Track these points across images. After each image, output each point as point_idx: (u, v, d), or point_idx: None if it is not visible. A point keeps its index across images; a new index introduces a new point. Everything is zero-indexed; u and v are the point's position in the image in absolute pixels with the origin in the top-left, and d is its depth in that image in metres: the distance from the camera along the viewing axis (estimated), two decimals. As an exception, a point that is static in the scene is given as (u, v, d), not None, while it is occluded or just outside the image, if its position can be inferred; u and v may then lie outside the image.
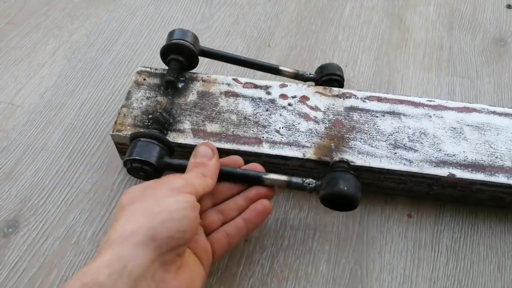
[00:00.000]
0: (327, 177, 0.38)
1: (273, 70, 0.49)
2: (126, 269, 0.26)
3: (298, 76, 0.49)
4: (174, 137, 0.42)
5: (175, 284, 0.29)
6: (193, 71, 0.47)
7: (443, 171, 0.40)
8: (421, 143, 0.42)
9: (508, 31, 0.62)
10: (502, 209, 0.45)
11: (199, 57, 0.46)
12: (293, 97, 0.45)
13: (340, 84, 0.48)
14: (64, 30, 0.60)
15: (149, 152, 0.38)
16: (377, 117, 0.44)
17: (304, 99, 0.45)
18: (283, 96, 0.45)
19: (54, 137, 0.49)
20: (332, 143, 0.42)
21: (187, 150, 0.41)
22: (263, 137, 0.42)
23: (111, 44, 0.58)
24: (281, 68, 0.49)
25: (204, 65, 0.56)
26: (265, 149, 0.41)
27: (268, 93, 0.45)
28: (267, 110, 0.44)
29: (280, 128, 0.43)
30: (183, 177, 0.33)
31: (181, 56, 0.45)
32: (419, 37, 0.60)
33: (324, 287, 0.40)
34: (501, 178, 0.40)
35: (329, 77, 0.47)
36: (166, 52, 0.45)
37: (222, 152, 0.40)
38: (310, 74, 0.49)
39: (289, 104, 0.45)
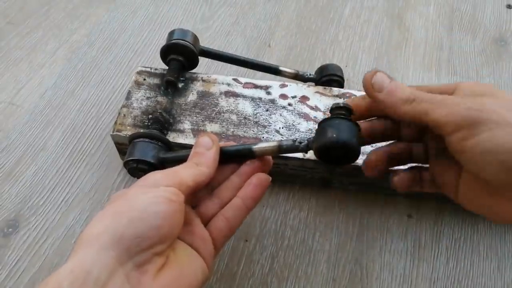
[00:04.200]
0: (317, 130, 0.32)
1: (273, 71, 0.49)
2: (92, 274, 0.24)
3: (298, 77, 0.49)
4: (174, 137, 0.42)
5: (155, 286, 0.27)
6: (193, 71, 0.47)
7: (443, 171, 0.40)
8: (421, 143, 0.42)
9: (508, 31, 0.62)
10: (502, 209, 0.45)
11: (199, 57, 0.46)
12: (293, 97, 0.45)
13: (340, 85, 0.48)
14: (64, 30, 0.60)
15: (149, 152, 0.38)
16: (377, 117, 0.44)
17: (304, 99, 0.45)
18: (283, 96, 0.45)
19: (54, 137, 0.49)
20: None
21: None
22: (263, 137, 0.42)
23: (111, 44, 0.58)
24: (281, 68, 0.49)
25: (204, 65, 0.56)
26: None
27: (268, 93, 0.45)
28: (267, 110, 0.44)
29: (280, 128, 0.43)
30: (164, 171, 0.32)
31: (181, 56, 0.45)
32: (419, 37, 0.60)
33: (324, 287, 0.40)
34: (501, 178, 0.40)
35: (329, 78, 0.47)
36: (166, 52, 0.45)
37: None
38: (310, 74, 0.49)
39: (289, 104, 0.45)
